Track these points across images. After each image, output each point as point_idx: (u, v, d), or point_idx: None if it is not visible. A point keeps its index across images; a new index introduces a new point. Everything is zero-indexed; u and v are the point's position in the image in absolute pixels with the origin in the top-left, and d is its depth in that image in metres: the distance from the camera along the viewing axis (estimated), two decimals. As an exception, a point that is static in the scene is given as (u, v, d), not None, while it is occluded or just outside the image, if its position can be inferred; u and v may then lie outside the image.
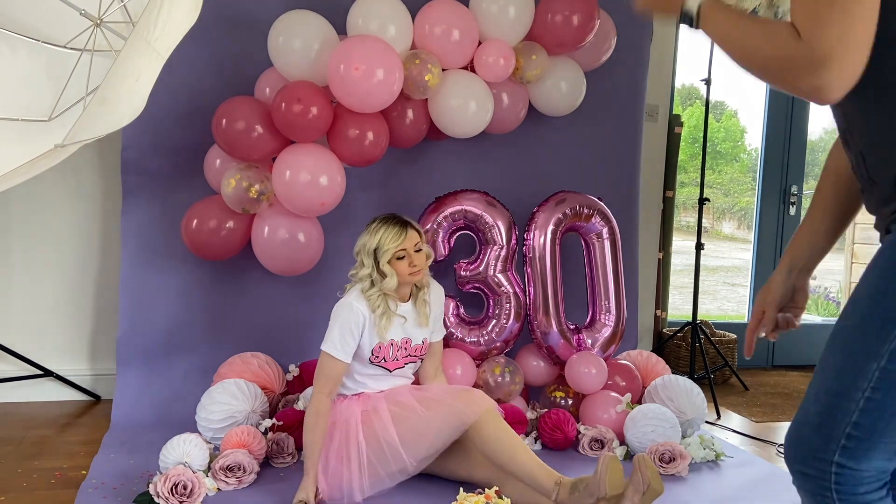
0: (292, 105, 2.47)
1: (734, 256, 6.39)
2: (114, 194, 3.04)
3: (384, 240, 2.21)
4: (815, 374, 1.15)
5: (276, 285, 2.94)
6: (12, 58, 2.22)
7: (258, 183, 2.59)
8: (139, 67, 1.82)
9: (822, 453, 1.11)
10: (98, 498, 2.09)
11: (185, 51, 2.24)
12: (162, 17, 1.77)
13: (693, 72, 4.07)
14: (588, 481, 1.93)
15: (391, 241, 2.21)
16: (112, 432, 2.63)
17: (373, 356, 2.26)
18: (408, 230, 2.24)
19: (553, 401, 2.85)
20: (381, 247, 2.21)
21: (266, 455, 2.36)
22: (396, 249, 2.21)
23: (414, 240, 2.25)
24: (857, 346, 1.08)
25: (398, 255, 2.22)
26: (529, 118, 3.01)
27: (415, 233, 2.26)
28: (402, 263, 2.23)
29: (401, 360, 2.32)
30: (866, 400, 1.07)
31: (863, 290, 1.09)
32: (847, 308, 1.12)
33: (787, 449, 1.18)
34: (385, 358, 2.28)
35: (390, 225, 2.24)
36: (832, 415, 1.10)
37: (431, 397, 2.22)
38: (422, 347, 2.37)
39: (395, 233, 2.22)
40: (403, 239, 2.22)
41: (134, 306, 2.85)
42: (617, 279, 2.95)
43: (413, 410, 2.16)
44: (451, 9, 2.68)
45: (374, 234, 2.23)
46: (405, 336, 2.32)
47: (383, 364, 2.29)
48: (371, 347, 2.25)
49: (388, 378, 2.33)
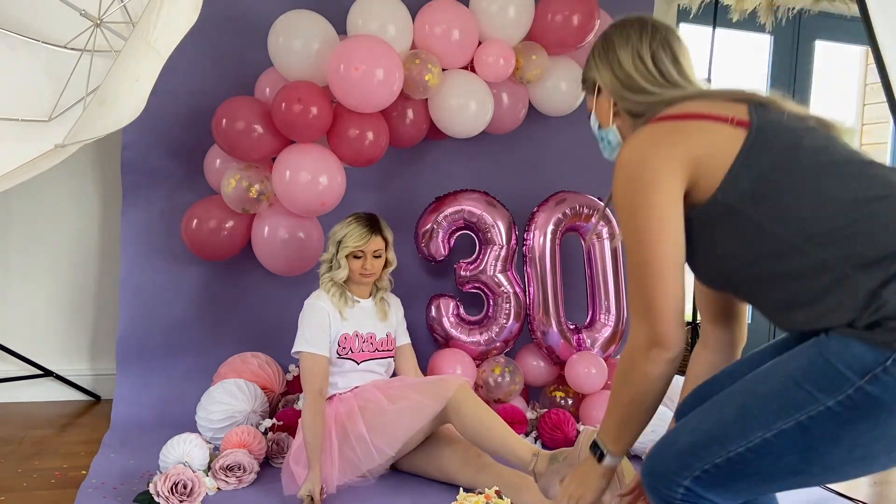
0: (292, 105, 2.47)
1: (734, 256, 6.38)
2: (114, 194, 3.04)
3: (349, 236, 2.33)
4: (702, 412, 1.25)
5: (276, 285, 2.94)
6: (12, 58, 2.22)
7: (258, 183, 2.59)
8: (139, 67, 1.82)
9: (676, 476, 1.23)
10: (98, 498, 2.09)
11: (185, 51, 2.24)
12: (162, 18, 1.77)
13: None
14: (567, 453, 1.96)
15: (353, 240, 2.33)
16: (112, 432, 2.63)
17: (340, 348, 2.33)
18: (374, 235, 2.35)
19: (553, 401, 2.85)
20: (343, 240, 2.34)
21: (266, 455, 2.36)
22: (355, 248, 2.33)
23: (375, 246, 2.36)
24: (753, 412, 1.17)
25: (355, 253, 2.34)
26: (529, 118, 3.01)
27: (380, 239, 2.37)
28: (357, 262, 2.35)
29: (367, 353, 2.38)
30: (738, 454, 1.17)
31: (781, 369, 1.18)
32: (762, 373, 1.21)
33: (647, 463, 1.29)
34: (351, 349, 2.35)
35: (361, 224, 2.35)
36: (700, 452, 1.21)
37: (400, 386, 2.28)
38: (386, 342, 2.43)
39: (361, 233, 2.33)
40: (365, 242, 2.33)
41: (134, 306, 2.85)
42: (617, 279, 2.95)
43: (381, 402, 2.21)
44: (451, 9, 2.68)
45: (346, 226, 2.36)
46: (369, 331, 2.40)
47: (350, 356, 2.35)
48: (338, 338, 2.33)
49: (356, 372, 2.36)
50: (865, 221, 1.15)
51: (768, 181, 1.21)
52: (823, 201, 1.18)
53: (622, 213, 1.30)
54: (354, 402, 2.26)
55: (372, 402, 2.23)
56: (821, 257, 1.16)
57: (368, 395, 2.28)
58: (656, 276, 1.26)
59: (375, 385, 2.33)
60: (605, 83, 1.43)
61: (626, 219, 1.29)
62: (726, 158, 1.23)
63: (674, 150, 1.26)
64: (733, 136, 1.25)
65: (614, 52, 1.42)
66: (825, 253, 1.16)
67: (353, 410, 2.22)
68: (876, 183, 1.19)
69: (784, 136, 1.25)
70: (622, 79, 1.40)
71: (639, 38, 1.41)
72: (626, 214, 1.29)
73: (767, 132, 1.25)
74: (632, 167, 1.28)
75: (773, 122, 1.27)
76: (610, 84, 1.42)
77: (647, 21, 1.43)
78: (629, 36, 1.41)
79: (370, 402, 2.23)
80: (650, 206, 1.25)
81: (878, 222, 1.15)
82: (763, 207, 1.21)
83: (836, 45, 4.52)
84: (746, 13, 3.93)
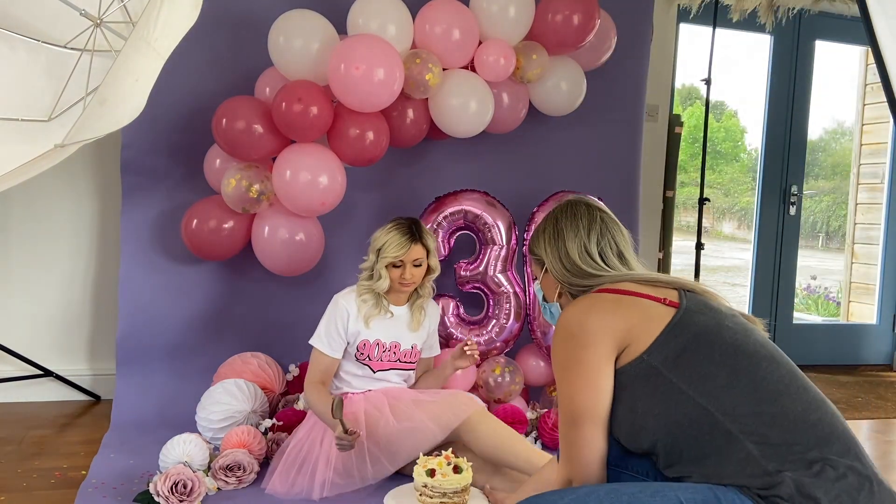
0: (293, 105, 2.47)
1: (734, 256, 6.39)
2: (114, 194, 3.04)
3: (389, 244, 2.28)
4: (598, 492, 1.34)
5: (277, 285, 2.94)
6: (12, 58, 2.22)
7: (258, 183, 2.59)
8: (139, 67, 1.82)
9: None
10: (98, 498, 2.09)
11: (185, 51, 2.24)
12: (162, 17, 1.77)
13: (693, 72, 4.07)
14: None
15: (393, 249, 2.27)
16: (112, 432, 2.63)
17: (358, 353, 2.30)
18: (413, 244, 2.28)
19: (553, 401, 2.85)
20: (383, 249, 2.28)
21: (266, 455, 2.35)
22: (394, 258, 2.27)
23: (416, 255, 2.30)
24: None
25: (395, 262, 2.28)
26: (529, 118, 3.01)
27: (420, 248, 2.30)
28: (396, 272, 2.30)
29: (386, 363, 2.34)
30: None
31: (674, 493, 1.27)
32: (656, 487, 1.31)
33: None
34: (370, 356, 2.31)
35: (402, 232, 2.29)
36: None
37: (410, 402, 2.22)
38: (411, 353, 2.38)
39: (401, 242, 2.27)
40: (405, 251, 2.27)
41: (134, 306, 2.85)
42: (617, 279, 2.95)
43: (388, 417, 2.16)
44: (452, 8, 2.68)
45: (386, 233, 2.30)
46: (394, 340, 2.34)
47: (367, 363, 2.32)
48: (357, 343, 2.29)
49: (370, 380, 2.34)
50: (771, 406, 1.29)
51: (690, 350, 1.36)
52: (738, 378, 1.33)
53: (557, 367, 1.44)
54: (363, 405, 2.24)
55: (378, 410, 2.19)
56: (728, 428, 1.28)
57: (377, 402, 2.24)
58: (580, 426, 1.39)
59: (386, 394, 2.29)
60: (552, 269, 1.57)
61: (559, 372, 1.43)
62: (656, 329, 1.39)
63: (611, 318, 1.41)
64: (664, 312, 1.41)
65: (563, 243, 1.56)
66: (734, 425, 1.28)
67: (359, 416, 2.19)
68: (784, 376, 1.36)
69: (709, 316, 1.41)
70: (569, 268, 1.54)
71: (587, 231, 1.56)
72: (560, 368, 1.43)
73: (694, 312, 1.41)
74: (570, 327, 1.42)
75: (700, 303, 1.44)
76: (558, 272, 1.56)
77: (595, 212, 1.58)
78: (578, 228, 1.56)
79: (377, 410, 2.20)
80: (582, 362, 1.39)
81: (784, 411, 1.29)
82: (682, 372, 1.34)
83: (836, 45, 4.52)
84: (746, 13, 3.93)
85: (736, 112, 6.16)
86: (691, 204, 4.39)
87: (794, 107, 4.35)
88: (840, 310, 5.02)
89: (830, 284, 5.33)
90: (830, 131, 5.29)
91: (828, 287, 5.36)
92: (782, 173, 4.39)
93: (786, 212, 4.40)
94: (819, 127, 5.01)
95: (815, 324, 4.89)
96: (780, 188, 4.39)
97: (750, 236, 4.51)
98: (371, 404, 2.23)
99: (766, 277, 4.42)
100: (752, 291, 4.44)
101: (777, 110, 4.35)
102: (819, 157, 5.14)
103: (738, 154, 6.23)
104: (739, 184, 6.18)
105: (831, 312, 5.21)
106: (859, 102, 4.83)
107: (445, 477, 1.90)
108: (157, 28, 1.77)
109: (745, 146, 6.10)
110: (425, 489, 1.91)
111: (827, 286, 5.37)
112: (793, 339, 4.49)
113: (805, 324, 4.72)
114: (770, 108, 4.34)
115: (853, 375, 4.33)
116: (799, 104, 4.36)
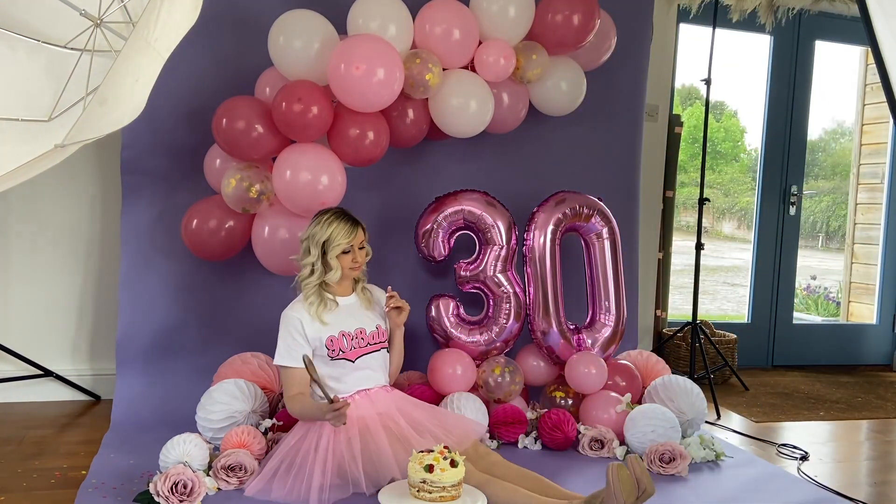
0: (293, 104, 2.47)
1: (734, 256, 6.39)
2: (114, 194, 3.04)
3: (336, 234, 2.32)
4: None
5: (277, 285, 2.93)
6: (12, 58, 2.21)
7: (258, 183, 2.59)
8: (139, 67, 1.82)
9: None
10: (98, 498, 2.09)
11: (185, 51, 2.23)
12: (162, 17, 1.76)
13: (693, 72, 4.07)
14: (603, 496, 1.91)
15: (342, 237, 2.33)
16: (112, 432, 2.63)
17: (329, 351, 2.31)
18: (357, 228, 2.36)
19: (553, 401, 2.85)
20: (331, 240, 2.33)
21: (266, 455, 2.35)
22: (346, 244, 2.32)
23: (360, 238, 2.37)
24: None
25: (345, 249, 2.34)
26: (529, 118, 3.01)
27: (361, 231, 2.39)
28: (347, 258, 2.35)
29: (359, 350, 2.36)
30: None
31: None
32: None
33: None
34: (342, 349, 2.33)
35: (343, 221, 2.35)
36: None
37: (422, 421, 2.23)
38: (377, 334, 2.42)
39: (347, 229, 2.34)
40: (353, 236, 2.34)
41: (134, 306, 2.85)
42: (617, 279, 2.95)
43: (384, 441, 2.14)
44: (452, 8, 2.68)
45: (327, 226, 2.33)
46: (358, 326, 2.38)
47: (343, 356, 2.33)
48: (324, 342, 2.31)
49: (354, 371, 2.34)
50: None
51: None
52: None
53: None
54: (373, 409, 2.24)
55: (394, 423, 2.20)
56: None
57: (393, 416, 2.24)
58: None
59: (400, 408, 2.29)
60: None
61: None
62: None
63: None
64: None
65: None
66: None
67: (375, 422, 2.18)
68: None
69: None
70: None
71: None
72: None
73: None
74: None
75: None
76: None
77: None
78: None
79: (392, 423, 2.20)
80: None
81: None
82: None
83: (836, 45, 4.52)
84: (746, 13, 3.93)
85: (736, 112, 6.16)
86: (691, 204, 4.39)
87: (794, 107, 4.35)
88: (840, 310, 5.02)
89: (830, 284, 5.33)
90: (830, 131, 5.29)
91: (828, 287, 5.36)
92: (782, 173, 4.39)
93: (786, 212, 4.41)
94: (819, 127, 5.01)
95: (815, 324, 4.89)
96: (780, 188, 4.39)
97: (750, 236, 4.52)
98: (387, 418, 2.22)
99: (766, 277, 4.42)
100: (751, 291, 4.44)
101: (777, 110, 4.35)
102: (819, 157, 5.14)
103: (738, 154, 6.22)
104: (739, 184, 6.17)
105: (831, 312, 5.21)
106: (859, 102, 4.83)
107: (444, 472, 1.92)
108: (157, 28, 1.77)
109: (745, 146, 6.10)
110: (423, 485, 1.93)
111: (827, 286, 5.37)
112: (793, 339, 4.49)
113: (805, 324, 4.72)
114: (770, 108, 4.34)
115: (853, 375, 4.33)
116: (799, 104, 4.36)
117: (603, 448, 2.62)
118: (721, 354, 3.79)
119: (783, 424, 3.25)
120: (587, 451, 2.62)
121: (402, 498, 1.97)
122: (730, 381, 3.94)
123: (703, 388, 3.01)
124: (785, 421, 3.29)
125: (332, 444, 2.16)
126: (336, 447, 2.16)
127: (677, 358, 3.91)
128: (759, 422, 3.26)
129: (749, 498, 2.33)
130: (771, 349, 4.45)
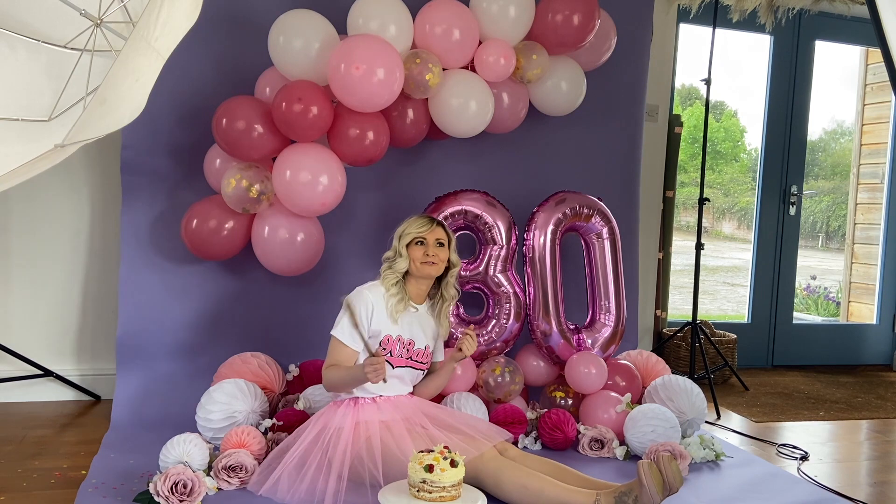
0: (293, 104, 2.48)
1: (734, 256, 6.39)
2: (114, 194, 3.04)
3: (410, 225, 2.35)
4: None
5: (277, 285, 2.94)
6: (12, 58, 2.21)
7: (258, 183, 2.59)
8: (139, 67, 1.82)
9: None
10: (98, 498, 2.09)
11: (185, 51, 2.24)
12: (162, 17, 1.76)
13: (693, 72, 4.07)
14: (637, 492, 1.92)
15: (414, 227, 2.34)
16: (112, 432, 2.63)
17: (381, 347, 2.28)
18: (435, 225, 2.36)
19: (553, 401, 2.85)
20: (405, 230, 2.35)
21: (266, 455, 2.35)
22: (417, 234, 2.32)
23: (438, 234, 2.36)
24: None
25: (418, 239, 2.33)
26: (529, 118, 3.01)
27: (441, 230, 2.37)
28: (419, 249, 2.33)
29: (402, 360, 2.33)
30: None
31: None
32: None
33: None
34: (391, 352, 2.30)
35: (422, 217, 2.38)
36: None
37: (443, 426, 2.20)
38: (423, 353, 2.38)
39: (422, 222, 2.35)
40: (427, 229, 2.34)
41: (134, 306, 2.85)
42: (617, 279, 2.95)
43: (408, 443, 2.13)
44: (452, 8, 2.68)
45: (407, 221, 2.38)
46: (410, 337, 2.34)
47: (389, 358, 2.29)
48: (381, 336, 2.29)
49: (388, 377, 2.31)
50: None
51: None
52: None
53: None
54: (397, 413, 2.22)
55: (421, 428, 2.19)
56: None
57: (418, 420, 2.22)
58: None
59: (425, 413, 2.27)
60: None
61: None
62: None
63: None
64: None
65: None
66: None
67: (399, 425, 2.17)
68: None
69: None
70: None
71: None
72: None
73: None
74: None
75: None
76: None
77: None
78: None
79: (419, 427, 2.19)
80: None
81: None
82: None
83: (835, 45, 4.52)
84: (746, 13, 3.93)
85: (736, 112, 6.16)
86: (691, 204, 4.39)
87: (794, 107, 4.35)
88: (840, 310, 5.03)
89: (830, 284, 5.34)
90: (830, 131, 5.29)
91: (827, 287, 5.37)
92: (782, 173, 4.39)
93: (786, 212, 4.41)
94: (819, 127, 5.02)
95: (815, 324, 4.89)
96: (780, 188, 4.39)
97: (750, 236, 4.52)
98: (411, 423, 2.21)
99: (765, 277, 4.42)
100: (751, 291, 4.44)
101: (777, 110, 4.35)
102: (819, 157, 5.14)
103: (737, 154, 6.23)
104: (739, 184, 6.18)
105: (831, 312, 5.21)
106: (859, 102, 4.83)
107: (444, 472, 1.92)
108: (157, 28, 1.77)
109: (745, 146, 6.11)
110: (423, 485, 1.93)
111: (827, 286, 5.38)
112: (793, 339, 4.49)
113: (805, 324, 4.73)
114: (770, 108, 4.34)
115: (853, 375, 4.33)
116: (799, 104, 4.36)
117: (603, 448, 2.62)
118: (721, 354, 3.79)
119: (783, 424, 3.25)
120: (587, 451, 2.62)
121: (401, 498, 1.98)
122: (730, 381, 3.94)
123: (703, 388, 3.01)
124: (785, 421, 3.29)
125: (349, 446, 2.13)
126: (355, 448, 2.13)
127: (677, 358, 3.91)
128: (759, 422, 3.26)
129: (749, 498, 2.33)
130: (771, 349, 4.45)
